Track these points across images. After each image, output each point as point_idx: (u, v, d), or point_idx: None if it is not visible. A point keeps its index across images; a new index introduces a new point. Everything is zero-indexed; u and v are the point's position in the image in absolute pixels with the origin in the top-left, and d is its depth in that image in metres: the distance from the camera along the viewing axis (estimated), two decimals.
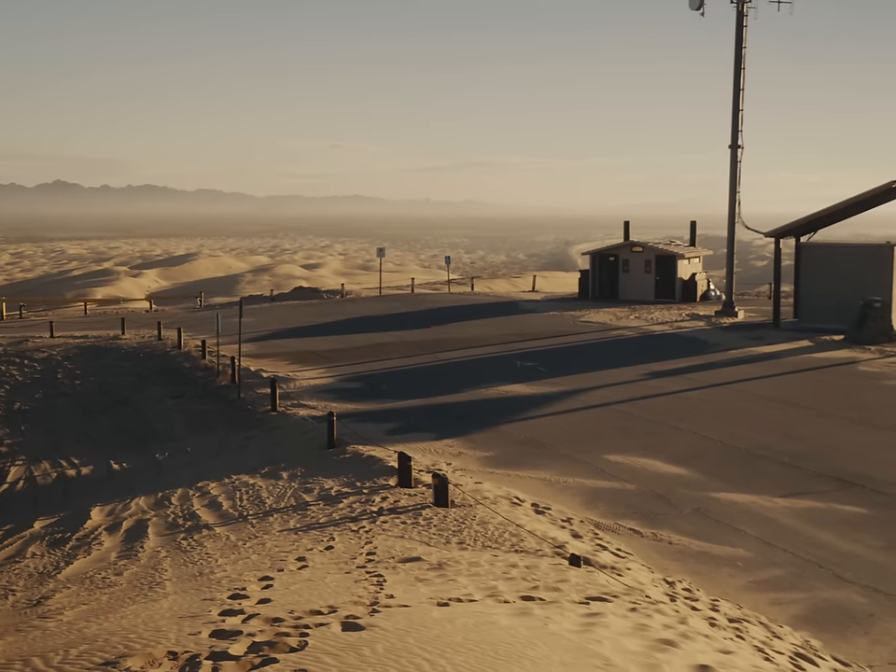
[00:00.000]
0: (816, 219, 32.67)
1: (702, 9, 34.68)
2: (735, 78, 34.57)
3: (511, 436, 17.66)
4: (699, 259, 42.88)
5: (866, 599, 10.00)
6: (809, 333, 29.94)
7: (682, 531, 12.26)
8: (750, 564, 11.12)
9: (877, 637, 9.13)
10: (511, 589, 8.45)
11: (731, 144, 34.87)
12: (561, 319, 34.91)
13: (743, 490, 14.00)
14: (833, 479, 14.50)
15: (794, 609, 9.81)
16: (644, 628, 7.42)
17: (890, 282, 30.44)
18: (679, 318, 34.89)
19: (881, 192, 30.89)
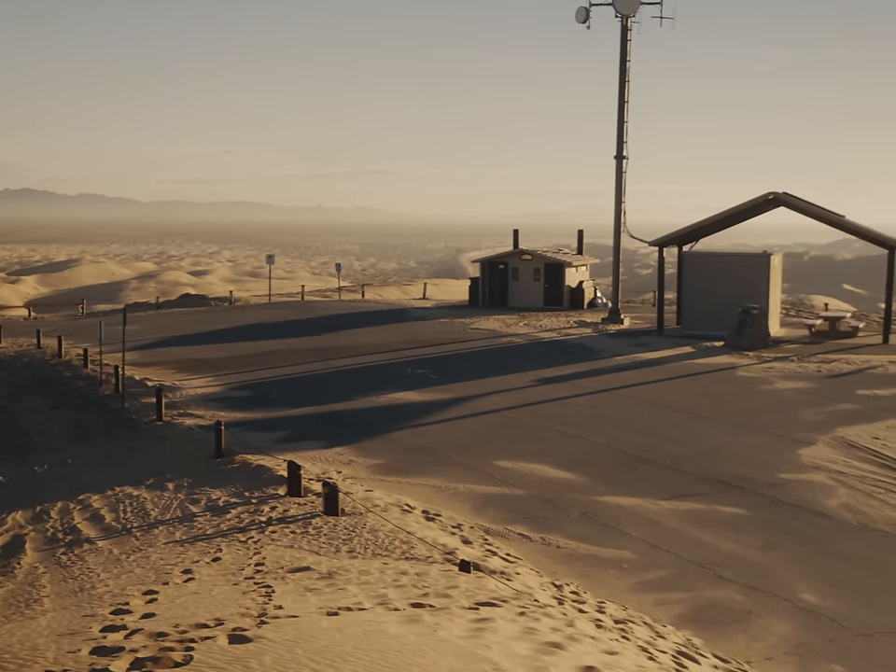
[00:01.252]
0: (698, 229, 33.69)
1: (587, 23, 35.44)
2: (620, 91, 35.40)
3: (402, 443, 17.66)
4: (586, 268, 43.71)
5: (745, 597, 10.34)
6: (691, 339, 30.82)
7: (570, 535, 12.46)
8: (636, 565, 11.37)
9: (755, 633, 9.44)
10: (402, 596, 8.44)
11: (616, 154, 35.68)
12: (451, 326, 35.10)
13: (628, 493, 14.31)
14: (714, 481, 14.94)
15: (677, 608, 10.06)
16: (532, 632, 7.50)
17: (767, 290, 31.61)
18: (566, 325, 35.48)
19: (759, 203, 32.06)
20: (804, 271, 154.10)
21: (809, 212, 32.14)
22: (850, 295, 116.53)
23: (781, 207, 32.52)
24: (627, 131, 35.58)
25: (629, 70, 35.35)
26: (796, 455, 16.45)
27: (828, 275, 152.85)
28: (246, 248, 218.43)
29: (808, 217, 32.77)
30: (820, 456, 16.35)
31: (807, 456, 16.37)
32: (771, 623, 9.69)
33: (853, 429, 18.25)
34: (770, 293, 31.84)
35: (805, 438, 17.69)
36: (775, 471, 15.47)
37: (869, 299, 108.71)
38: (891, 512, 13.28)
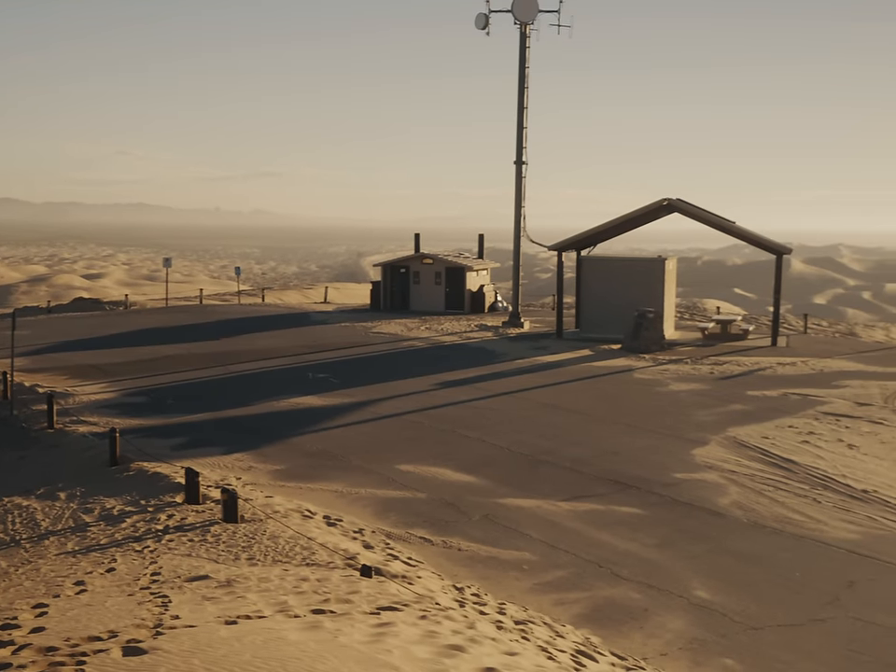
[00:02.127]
0: (596, 234, 34.30)
1: (487, 29, 35.76)
2: (519, 97, 35.80)
3: (303, 448, 17.50)
4: (487, 272, 44.07)
5: (641, 595, 10.56)
6: (590, 343, 31.37)
7: (471, 537, 12.53)
8: (536, 566, 11.50)
9: (651, 630, 9.64)
10: (302, 603, 8.36)
11: (516, 160, 36.08)
12: (353, 330, 34.97)
13: (529, 495, 14.47)
14: (612, 482, 15.22)
15: (576, 608, 10.21)
16: (433, 635, 7.52)
17: (662, 293, 32.37)
18: (468, 329, 35.70)
19: (654, 209, 32.81)
20: (697, 275, 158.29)
21: (701, 218, 33.04)
22: (741, 299, 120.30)
23: (676, 213, 33.35)
24: (527, 136, 36.01)
25: (528, 76, 35.78)
26: (690, 456, 16.88)
27: (720, 279, 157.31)
28: (143, 251, 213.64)
29: (701, 223, 33.68)
30: (713, 456, 16.81)
31: (701, 456, 16.82)
32: (666, 619, 9.91)
33: (744, 429, 18.83)
34: (665, 297, 32.62)
35: (698, 438, 18.16)
36: (670, 471, 15.85)
37: (758, 302, 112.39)
38: (780, 509, 13.73)
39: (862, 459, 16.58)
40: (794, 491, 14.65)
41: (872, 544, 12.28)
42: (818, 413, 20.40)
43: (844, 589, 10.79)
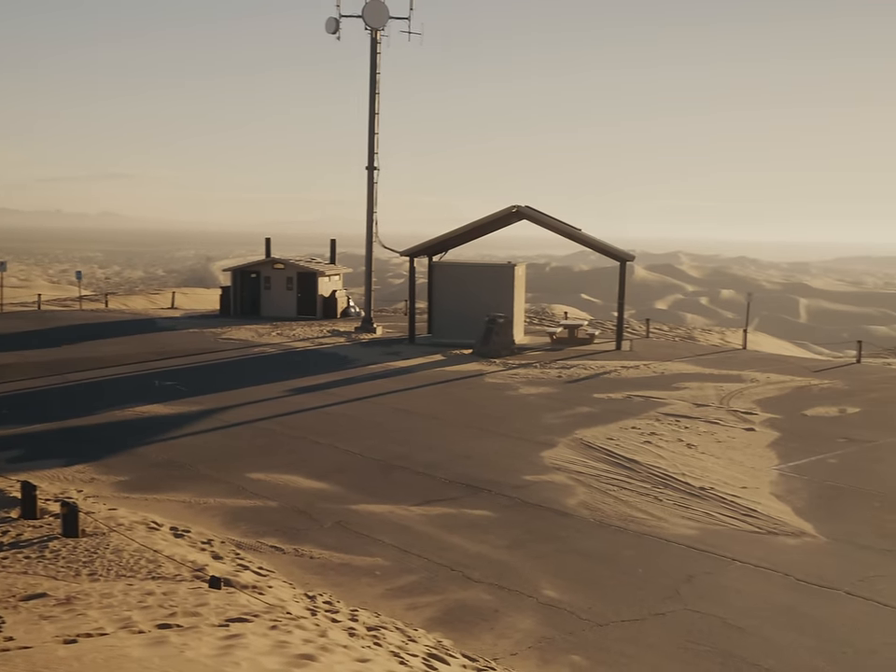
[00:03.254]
0: (447, 240, 34.65)
1: (338, 34, 35.66)
2: (371, 102, 35.84)
3: (149, 458, 16.99)
4: (339, 277, 43.90)
5: (492, 597, 10.71)
6: (442, 348, 31.65)
7: (324, 545, 12.43)
8: (388, 572, 11.50)
9: (501, 631, 9.79)
10: (147, 618, 8.11)
11: (367, 165, 36.09)
12: (202, 337, 34.19)
13: (382, 501, 14.47)
14: (464, 485, 15.39)
15: (428, 611, 10.27)
16: (284, 645, 7.42)
17: (512, 299, 32.97)
18: (320, 335, 35.46)
19: (504, 216, 33.40)
20: (546, 281, 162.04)
21: (549, 225, 33.84)
22: (587, 304, 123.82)
23: (525, 220, 34.04)
24: (378, 142, 36.08)
25: (379, 82, 35.87)
26: (539, 458, 17.24)
27: (568, 285, 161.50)
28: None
29: (549, 230, 34.48)
30: (561, 458, 17.22)
31: (549, 458, 17.20)
32: (516, 619, 10.09)
33: (590, 431, 19.38)
34: (515, 302, 33.24)
35: (547, 440, 18.58)
36: (520, 474, 16.14)
37: (604, 307, 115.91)
38: (624, 508, 14.19)
39: (700, 458, 17.31)
40: (637, 490, 15.16)
41: (709, 539, 12.84)
42: (659, 415, 21.19)
43: (683, 583, 11.23)
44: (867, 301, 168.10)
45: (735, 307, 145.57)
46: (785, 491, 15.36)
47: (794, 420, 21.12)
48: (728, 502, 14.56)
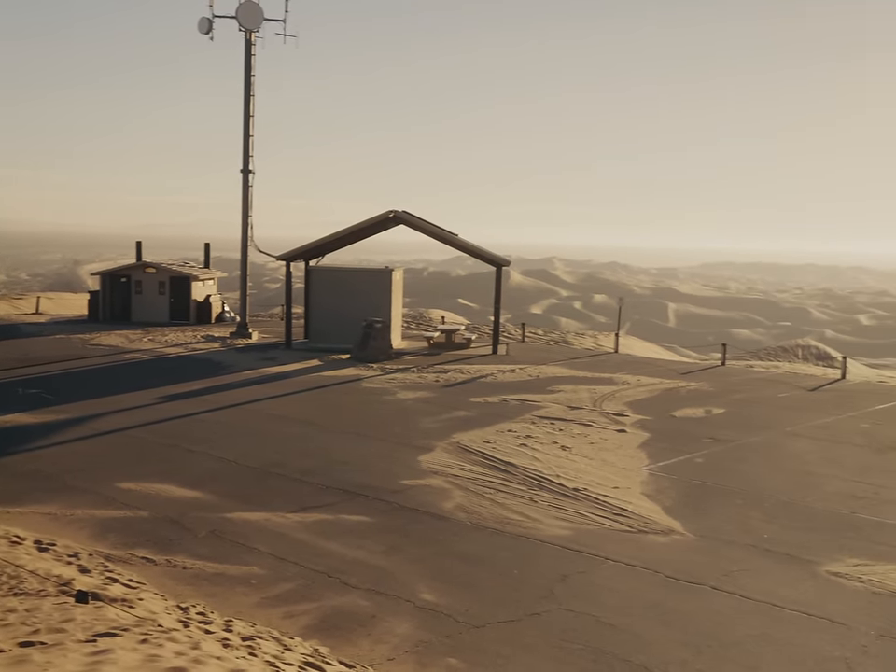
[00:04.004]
0: (324, 244, 34.45)
1: (211, 34, 35.03)
2: (245, 104, 35.34)
3: (12, 469, 16.30)
4: (214, 281, 43.11)
5: (369, 602, 10.68)
6: (319, 353, 31.44)
7: (197, 555, 12.17)
8: (264, 580, 11.34)
9: (379, 636, 9.78)
10: (8, 637, 7.78)
11: (242, 168, 35.56)
12: (69, 343, 33.05)
13: (257, 508, 14.26)
14: (341, 491, 15.31)
15: (305, 619, 10.17)
16: (155, 659, 7.24)
17: (389, 304, 33.01)
18: (193, 340, 34.74)
19: (381, 221, 33.41)
20: (423, 286, 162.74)
21: (426, 230, 34.01)
22: (465, 309, 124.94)
23: (402, 225, 34.12)
24: (253, 145, 35.60)
25: (254, 84, 35.41)
26: (417, 462, 17.29)
27: (445, 290, 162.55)
28: None
29: (426, 235, 34.66)
30: (438, 462, 17.32)
31: (427, 462, 17.28)
32: (394, 624, 10.09)
33: (467, 435, 19.55)
34: (392, 307, 33.28)
35: (424, 445, 18.65)
36: (397, 478, 16.16)
37: (481, 312, 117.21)
38: (500, 510, 14.36)
39: (574, 459, 17.67)
40: (513, 492, 15.37)
41: (582, 539, 13.11)
42: (534, 418, 21.54)
43: (557, 583, 11.44)
44: (731, 305, 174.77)
45: (607, 311, 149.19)
46: (655, 490, 15.82)
47: (663, 421, 21.78)
48: (601, 502, 14.90)
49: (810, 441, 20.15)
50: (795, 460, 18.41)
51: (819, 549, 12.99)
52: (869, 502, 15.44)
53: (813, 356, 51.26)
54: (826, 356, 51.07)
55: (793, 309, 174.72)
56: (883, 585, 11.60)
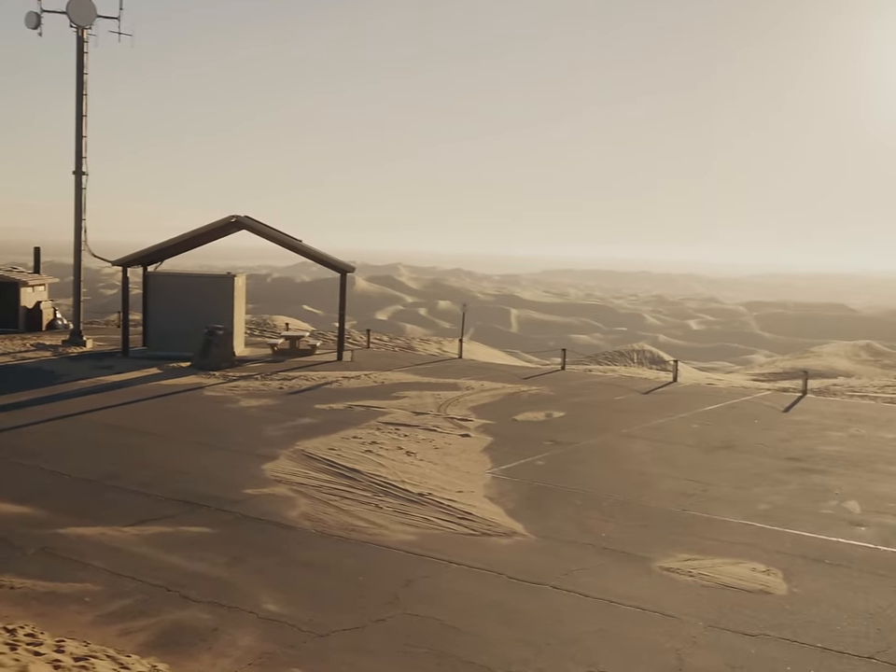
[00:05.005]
0: (163, 249, 33.53)
1: (39, 29, 33.58)
2: (78, 104, 33.99)
3: None
4: (44, 287, 41.28)
5: (210, 615, 10.44)
6: (158, 361, 30.55)
7: (26, 574, 11.60)
8: (99, 597, 10.92)
9: (221, 650, 9.57)
10: None
11: (75, 170, 34.22)
12: None
13: (92, 523, 13.72)
14: (182, 502, 14.91)
15: (143, 636, 9.85)
16: None
17: (232, 310, 32.43)
18: (22, 349, 33.16)
19: (222, 225, 32.80)
20: (267, 291, 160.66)
21: (269, 235, 33.60)
22: (309, 315, 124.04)
23: (245, 230, 33.59)
24: (87, 145, 34.30)
25: (87, 83, 34.11)
26: (260, 471, 17.04)
27: (289, 296, 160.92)
28: None
29: (269, 241, 34.22)
30: (283, 470, 17.11)
31: (271, 471, 17.04)
32: (236, 636, 9.90)
33: (312, 442, 19.40)
34: (235, 313, 32.72)
35: (269, 453, 18.40)
36: (240, 488, 15.87)
37: (326, 318, 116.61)
38: (345, 517, 14.31)
39: (419, 465, 17.79)
40: (358, 499, 15.34)
41: (427, 543, 13.22)
42: (379, 424, 21.57)
43: (402, 588, 11.48)
44: (571, 311, 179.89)
45: (451, 317, 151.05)
46: (497, 493, 16.11)
47: (506, 425, 22.20)
48: (445, 506, 15.06)
49: (645, 442, 20.95)
50: (631, 461, 19.11)
51: (652, 545, 13.51)
52: (698, 499, 16.19)
53: (647, 360, 53.36)
54: (659, 360, 53.25)
55: (629, 315, 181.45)
56: (711, 578, 12.18)
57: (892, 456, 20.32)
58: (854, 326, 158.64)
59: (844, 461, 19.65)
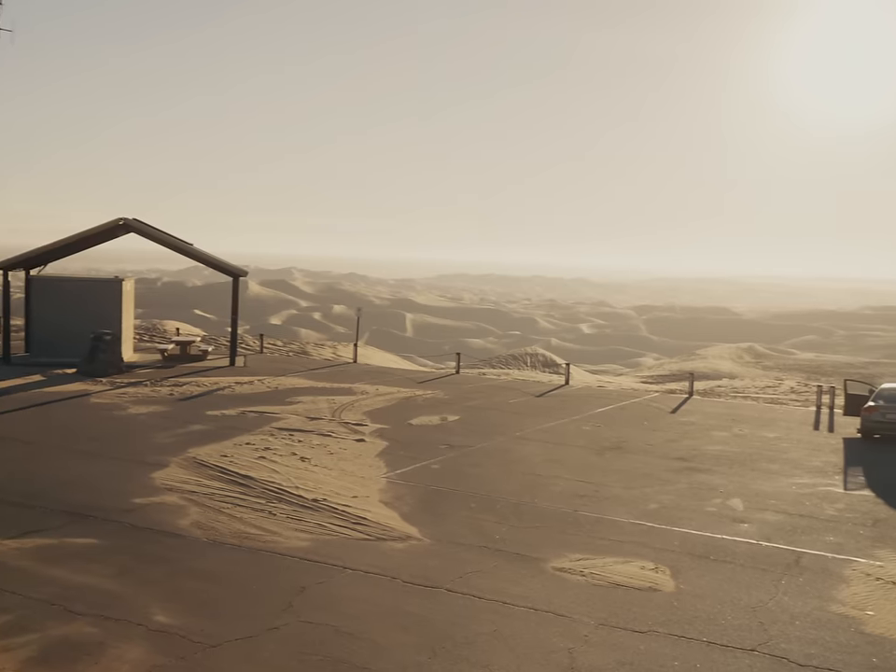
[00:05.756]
0: (47, 252, 32.49)
1: None
2: None
3: None
4: None
5: (97, 629, 10.14)
6: (42, 368, 29.58)
7: None
8: None
9: (108, 664, 9.31)
10: None
11: None
12: None
13: None
14: (67, 513, 14.46)
15: (24, 652, 9.51)
16: None
17: (120, 315, 31.63)
18: None
19: (110, 228, 31.98)
20: (157, 296, 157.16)
21: (159, 239, 32.88)
22: (201, 320, 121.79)
23: (134, 233, 32.79)
24: None
25: None
26: (150, 479, 16.64)
27: (181, 301, 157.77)
28: None
29: (159, 244, 33.48)
30: (173, 478, 16.75)
31: (161, 479, 16.67)
32: (124, 650, 9.64)
33: (204, 449, 19.05)
34: (123, 318, 31.93)
35: (159, 461, 17.99)
36: (129, 497, 15.47)
37: (218, 323, 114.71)
38: (238, 525, 14.10)
39: (313, 470, 17.66)
40: (251, 506, 15.14)
41: (321, 549, 13.12)
42: (273, 429, 21.33)
43: (296, 595, 11.37)
44: (465, 315, 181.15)
45: (346, 322, 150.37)
46: (393, 498, 16.11)
47: (401, 429, 22.21)
48: (340, 512, 14.98)
49: (538, 445, 21.24)
50: (524, 463, 19.34)
51: (545, 546, 13.70)
52: (590, 500, 16.49)
53: (540, 363, 54.14)
54: (552, 363, 54.08)
55: (522, 319, 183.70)
56: (602, 577, 12.42)
57: (773, 455, 21.08)
58: (737, 329, 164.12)
59: (728, 460, 20.30)
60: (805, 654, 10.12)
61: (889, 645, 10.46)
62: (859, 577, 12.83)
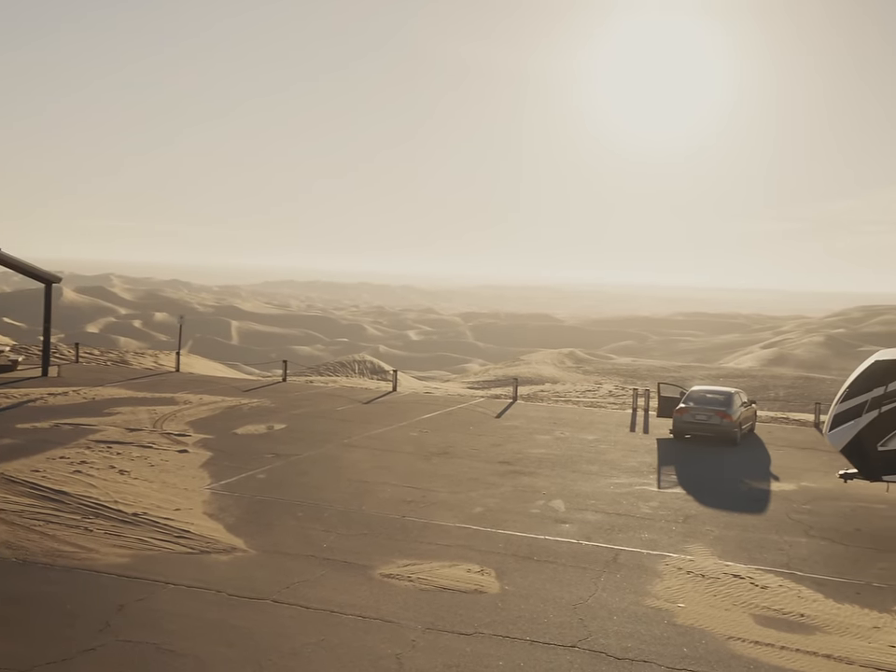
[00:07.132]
0: None
1: None
2: None
3: None
4: None
5: None
6: None
7: None
8: None
9: None
10: None
11: None
12: None
13: None
14: None
15: None
16: None
17: None
18: None
19: None
20: None
21: None
22: (11, 328, 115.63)
23: None
24: None
25: None
26: None
27: None
28: None
29: None
30: None
31: None
32: None
33: (13, 464, 18.07)
34: None
35: None
36: None
37: (30, 332, 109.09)
38: (51, 543, 13.43)
39: (133, 484, 17.05)
40: (66, 522, 14.46)
41: (142, 566, 12.67)
42: (90, 442, 20.47)
43: (114, 614, 10.93)
44: (292, 322, 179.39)
45: (168, 330, 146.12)
46: (217, 509, 15.74)
47: (226, 439, 21.76)
48: (161, 526, 14.52)
49: (366, 452, 21.25)
50: (352, 470, 19.30)
51: (373, 553, 13.71)
52: (417, 505, 16.62)
53: (368, 370, 54.19)
54: (380, 369, 54.24)
55: (350, 326, 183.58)
56: (429, 582, 12.53)
57: (592, 457, 21.85)
58: (559, 335, 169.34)
59: (550, 463, 20.90)
60: (622, 648, 10.53)
61: (698, 635, 11.02)
62: (671, 571, 13.46)
